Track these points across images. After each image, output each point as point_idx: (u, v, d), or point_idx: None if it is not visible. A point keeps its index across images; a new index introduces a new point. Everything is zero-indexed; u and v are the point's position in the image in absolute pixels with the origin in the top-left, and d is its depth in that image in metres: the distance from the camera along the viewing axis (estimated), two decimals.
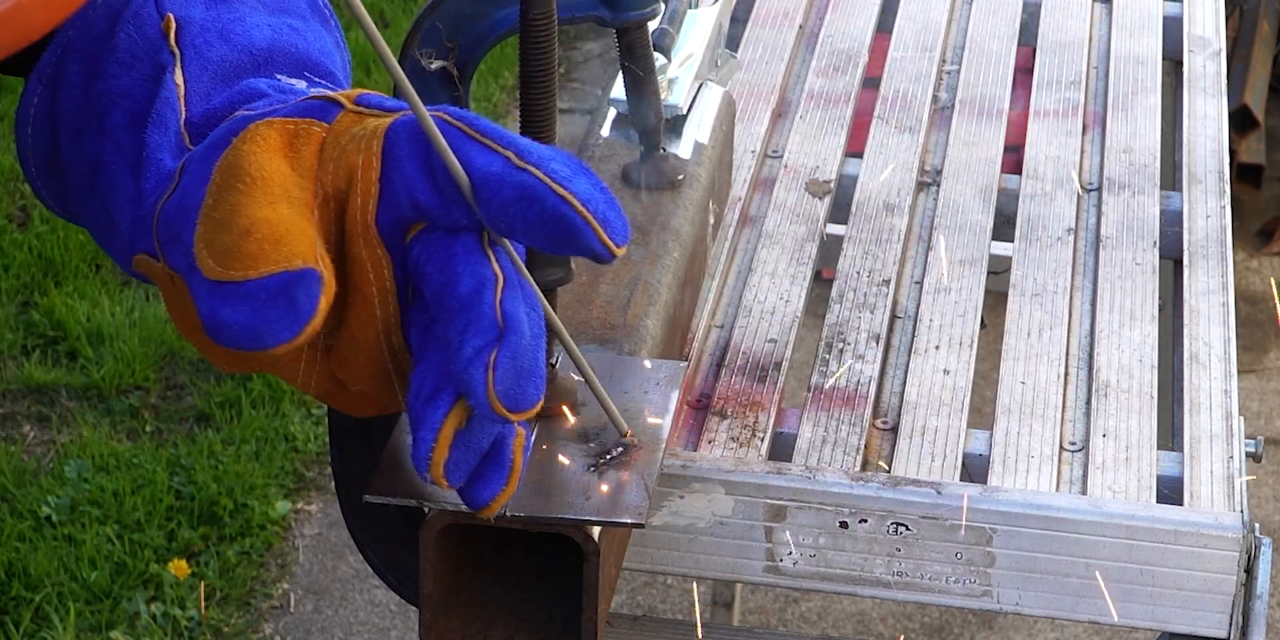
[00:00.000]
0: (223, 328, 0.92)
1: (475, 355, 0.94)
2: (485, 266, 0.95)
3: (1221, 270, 1.69)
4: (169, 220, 0.97)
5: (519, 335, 0.94)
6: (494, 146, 0.94)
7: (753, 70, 1.93)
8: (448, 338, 0.95)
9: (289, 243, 0.92)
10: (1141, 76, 1.98)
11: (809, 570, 1.41)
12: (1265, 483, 3.32)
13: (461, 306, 0.95)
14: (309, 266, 0.92)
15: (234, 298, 0.92)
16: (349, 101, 0.98)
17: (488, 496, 1.01)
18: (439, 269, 0.95)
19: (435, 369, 0.97)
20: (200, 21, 1.07)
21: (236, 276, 0.92)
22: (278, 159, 0.95)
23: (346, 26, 4.25)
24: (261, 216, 0.93)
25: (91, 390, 3.35)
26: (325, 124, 0.97)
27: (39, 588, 2.92)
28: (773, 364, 1.54)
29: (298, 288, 0.92)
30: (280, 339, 0.92)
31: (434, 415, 0.97)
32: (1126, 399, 1.53)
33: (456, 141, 0.94)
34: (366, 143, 0.96)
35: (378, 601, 3.03)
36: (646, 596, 3.05)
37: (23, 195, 3.85)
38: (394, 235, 0.96)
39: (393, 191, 0.95)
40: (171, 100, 1.04)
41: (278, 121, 0.96)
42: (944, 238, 1.72)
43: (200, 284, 0.93)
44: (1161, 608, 1.38)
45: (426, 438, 0.97)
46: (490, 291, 0.95)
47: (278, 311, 0.91)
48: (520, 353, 0.94)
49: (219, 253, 0.92)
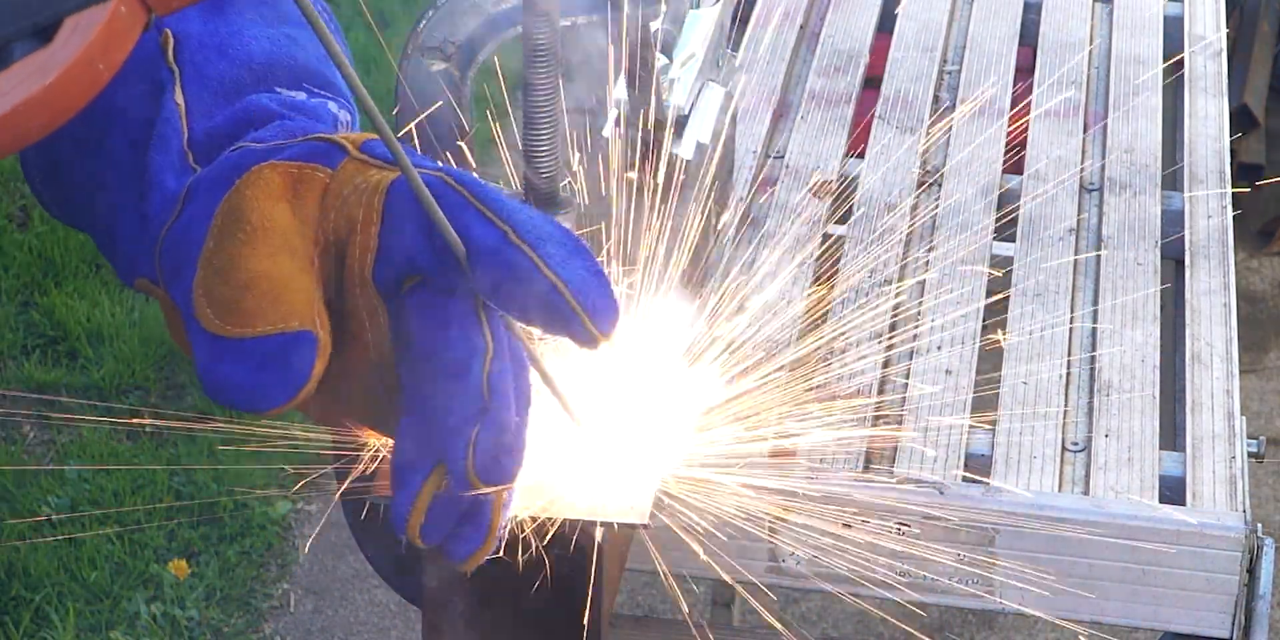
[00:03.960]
0: (219, 387, 0.93)
1: (458, 427, 0.94)
2: (477, 334, 0.95)
3: (1223, 270, 1.69)
4: (172, 251, 0.97)
5: (503, 411, 0.94)
6: (493, 218, 0.93)
7: (754, 70, 1.93)
8: (433, 403, 0.95)
9: (287, 301, 0.93)
10: (1142, 76, 1.98)
11: (811, 571, 1.41)
12: (1266, 482, 3.32)
13: (449, 374, 0.95)
14: (305, 328, 0.93)
15: (230, 355, 0.93)
16: (354, 147, 0.98)
17: (464, 554, 1.01)
18: (431, 328, 0.96)
19: (417, 430, 0.97)
20: (198, 36, 1.06)
21: (234, 333, 0.93)
22: (280, 205, 0.95)
23: (346, 27, 4.24)
24: (261, 270, 0.93)
25: (91, 390, 3.34)
26: (329, 169, 0.97)
27: (39, 588, 2.92)
28: (774, 364, 1.54)
29: (293, 351, 0.92)
30: (274, 403, 0.93)
31: (413, 481, 0.97)
32: (1128, 399, 1.53)
33: (456, 208, 0.94)
34: (369, 197, 0.96)
35: (378, 601, 3.02)
36: (647, 596, 3.05)
37: (23, 195, 3.84)
38: (391, 286, 0.97)
39: (391, 248, 0.95)
40: (173, 120, 1.03)
41: (281, 165, 0.96)
42: (945, 238, 1.72)
43: (198, 334, 0.94)
44: (1164, 608, 1.38)
45: (404, 502, 0.97)
46: (479, 362, 0.94)
47: (273, 375, 0.92)
48: (503, 429, 0.94)
49: (218, 305, 0.93)
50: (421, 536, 0.99)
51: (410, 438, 0.97)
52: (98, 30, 0.72)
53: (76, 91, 0.73)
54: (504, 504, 1.01)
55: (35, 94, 0.71)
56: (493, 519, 1.01)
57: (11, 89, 0.70)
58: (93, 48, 0.72)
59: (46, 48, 0.72)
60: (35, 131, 0.72)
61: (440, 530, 0.99)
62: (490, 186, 0.96)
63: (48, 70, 0.71)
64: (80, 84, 0.72)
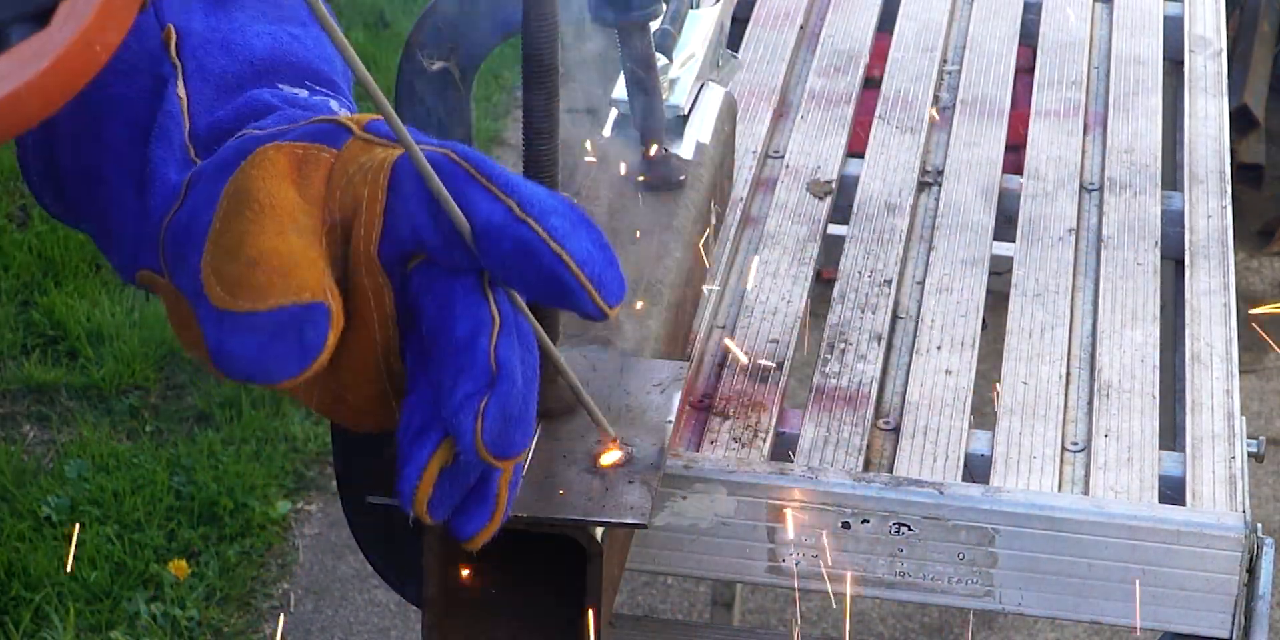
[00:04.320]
0: (230, 360, 0.92)
1: (465, 401, 0.94)
2: (483, 309, 0.95)
3: (1223, 270, 1.69)
4: (176, 239, 0.97)
5: (511, 383, 0.94)
6: (498, 194, 0.94)
7: (754, 70, 1.93)
8: (440, 378, 0.95)
9: (298, 274, 0.92)
10: (1142, 76, 1.98)
11: (811, 571, 1.41)
12: (1266, 483, 3.32)
13: (456, 349, 0.95)
14: (317, 300, 0.92)
15: (242, 329, 0.92)
16: (358, 127, 0.98)
17: (471, 530, 1.01)
18: (437, 306, 0.96)
19: (425, 405, 0.97)
20: (201, 32, 1.07)
21: (245, 307, 0.92)
22: (286, 185, 0.95)
23: (347, 27, 4.25)
24: (270, 246, 0.93)
25: (91, 390, 3.35)
26: (334, 150, 0.97)
27: (39, 588, 2.92)
28: (774, 364, 1.54)
29: (306, 322, 0.92)
30: (287, 374, 0.92)
31: (420, 453, 0.97)
32: (1128, 399, 1.53)
33: (461, 184, 0.94)
34: (373, 175, 0.96)
35: (378, 601, 3.03)
36: (647, 596, 3.05)
37: (23, 195, 3.84)
38: (396, 264, 0.97)
39: (396, 226, 0.95)
40: (175, 113, 1.04)
41: (286, 146, 0.96)
42: (945, 238, 1.72)
43: (208, 311, 0.93)
44: (1164, 608, 1.38)
45: (411, 475, 0.97)
46: (486, 336, 0.94)
47: (285, 346, 0.92)
48: (510, 401, 0.94)
49: (227, 282, 0.93)
50: (429, 511, 0.98)
51: (417, 413, 0.97)
52: (94, 12, 0.72)
53: (74, 74, 0.73)
54: (510, 481, 1.01)
55: (33, 78, 0.71)
56: (500, 495, 1.00)
57: (10, 73, 0.70)
58: (90, 30, 0.72)
59: (44, 31, 0.72)
60: (35, 115, 0.72)
61: (447, 505, 0.99)
62: (493, 161, 0.96)
63: (45, 53, 0.71)
64: (78, 66, 0.72)
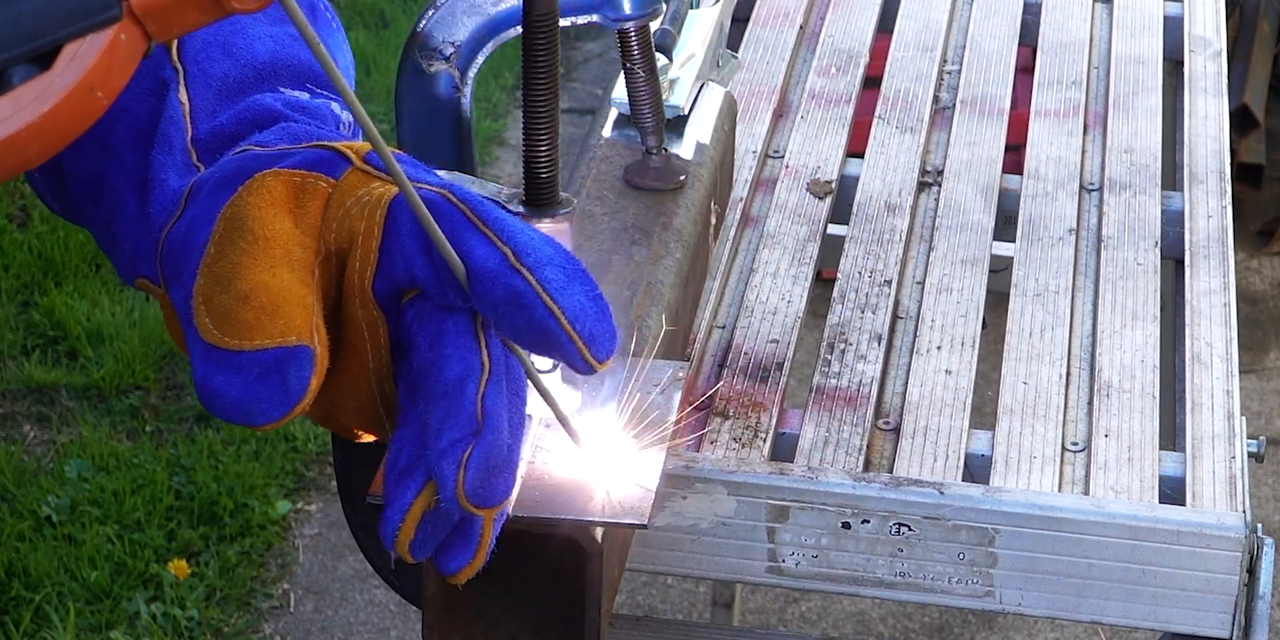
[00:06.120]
0: (214, 398, 0.93)
1: (450, 448, 0.94)
2: (474, 353, 0.95)
3: (1223, 270, 1.69)
4: (173, 253, 0.97)
5: (496, 434, 0.94)
6: (494, 239, 0.93)
7: (754, 70, 1.93)
8: (428, 418, 0.95)
9: (285, 314, 0.93)
10: (1142, 76, 1.98)
11: (811, 571, 1.41)
12: (1266, 482, 3.32)
13: (444, 393, 0.95)
14: (303, 343, 0.92)
15: (228, 366, 0.92)
16: (358, 157, 0.98)
17: (454, 568, 1.01)
18: (428, 343, 0.96)
19: (412, 443, 0.97)
20: (202, 35, 1.07)
21: (231, 345, 0.92)
22: (282, 214, 0.95)
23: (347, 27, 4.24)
24: (261, 281, 0.93)
25: (91, 390, 3.34)
26: (331, 179, 0.97)
27: (39, 588, 2.92)
28: (774, 364, 1.54)
29: (289, 365, 0.92)
30: (269, 418, 0.93)
31: (404, 496, 0.97)
32: (1128, 399, 1.53)
33: (458, 227, 0.94)
34: (370, 210, 0.96)
35: (378, 601, 3.02)
36: (647, 596, 3.05)
37: (23, 195, 3.84)
38: (390, 298, 0.97)
39: (391, 263, 0.96)
40: (177, 119, 1.04)
41: (284, 173, 0.96)
42: (945, 238, 1.72)
43: (196, 343, 0.94)
44: (1164, 608, 1.38)
45: (394, 517, 0.97)
46: (474, 383, 0.94)
47: (268, 388, 0.92)
48: (494, 452, 0.94)
49: (216, 315, 0.93)
50: (411, 551, 0.99)
51: (404, 452, 0.97)
52: (97, 57, 0.72)
53: (75, 119, 0.73)
54: (495, 520, 1.01)
55: (34, 121, 0.71)
56: (483, 534, 1.01)
57: (10, 115, 0.71)
58: (92, 75, 0.72)
59: (46, 74, 0.72)
60: (34, 158, 0.72)
61: (430, 544, 1.00)
62: (492, 205, 0.96)
63: (46, 97, 0.71)
64: (78, 111, 0.73)
